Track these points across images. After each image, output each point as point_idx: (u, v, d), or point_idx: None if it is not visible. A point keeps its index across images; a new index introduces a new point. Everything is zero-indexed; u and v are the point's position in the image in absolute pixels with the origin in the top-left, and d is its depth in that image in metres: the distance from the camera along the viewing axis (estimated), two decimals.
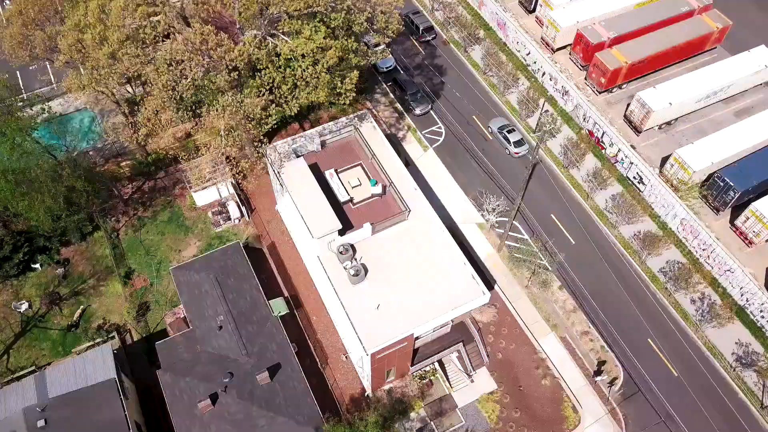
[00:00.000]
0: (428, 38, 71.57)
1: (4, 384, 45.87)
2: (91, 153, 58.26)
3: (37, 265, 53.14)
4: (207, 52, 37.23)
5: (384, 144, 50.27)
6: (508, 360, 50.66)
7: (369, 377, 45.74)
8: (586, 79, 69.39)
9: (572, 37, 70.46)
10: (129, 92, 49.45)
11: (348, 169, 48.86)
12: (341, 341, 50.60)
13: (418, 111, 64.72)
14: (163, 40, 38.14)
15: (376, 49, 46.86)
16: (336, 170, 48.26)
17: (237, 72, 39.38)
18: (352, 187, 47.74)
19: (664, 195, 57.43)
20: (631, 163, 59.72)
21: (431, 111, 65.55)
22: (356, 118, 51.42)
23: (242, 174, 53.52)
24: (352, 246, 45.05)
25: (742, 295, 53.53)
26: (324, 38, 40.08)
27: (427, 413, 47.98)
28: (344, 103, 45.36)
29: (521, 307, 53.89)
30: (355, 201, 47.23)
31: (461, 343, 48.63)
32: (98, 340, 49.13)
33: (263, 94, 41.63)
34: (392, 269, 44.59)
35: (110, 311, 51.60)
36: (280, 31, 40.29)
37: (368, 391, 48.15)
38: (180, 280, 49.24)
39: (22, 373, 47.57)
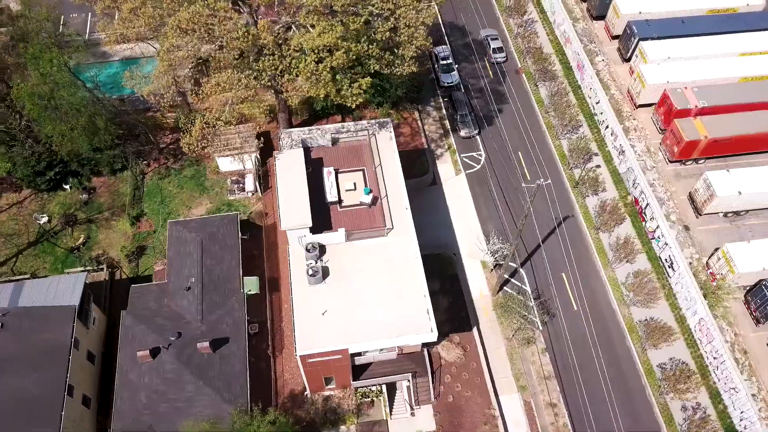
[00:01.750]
0: None
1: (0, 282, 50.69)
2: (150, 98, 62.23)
3: (68, 186, 57.86)
4: (211, 26, 38.55)
5: (394, 156, 49.57)
6: (458, 406, 48.55)
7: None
8: (661, 144, 64.35)
9: (658, 96, 65.46)
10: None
11: (349, 171, 48.76)
12: None
13: (463, 133, 63.08)
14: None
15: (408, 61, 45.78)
16: (336, 170, 48.32)
17: (240, 52, 40.39)
18: (345, 190, 47.60)
19: (689, 288, 52.14)
20: (666, 244, 54.70)
21: (477, 136, 63.58)
22: (376, 125, 51.09)
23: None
24: (321, 246, 45.03)
25: (741, 420, 47.75)
26: (339, 38, 39.95)
27: (357, 431, 47.23)
28: (352, 107, 45.13)
29: (494, 358, 51.35)
30: (343, 204, 47.09)
31: (411, 374, 47.28)
32: (89, 268, 52.76)
33: (263, 80, 42.38)
34: (353, 281, 44.10)
35: (111, 245, 55.20)
36: (302, 23, 40.79)
37: (307, 391, 48.12)
38: (172, 234, 51.60)
39: (18, 277, 52.16)
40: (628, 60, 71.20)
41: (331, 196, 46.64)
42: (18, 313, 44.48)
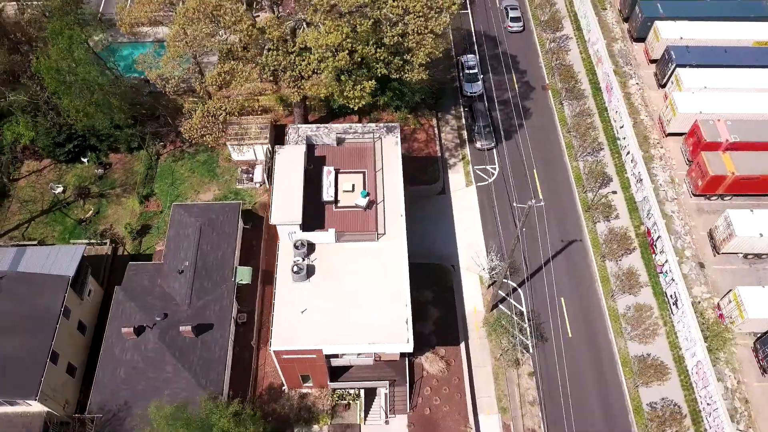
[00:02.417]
0: None
1: (7, 246, 52.64)
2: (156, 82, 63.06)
3: (85, 160, 59.58)
4: (217, 17, 39.00)
5: (396, 162, 49.24)
6: (434, 419, 47.91)
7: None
8: (686, 175, 62.11)
9: (689, 126, 63.17)
10: None
11: (349, 172, 48.59)
12: None
13: (479, 145, 62.18)
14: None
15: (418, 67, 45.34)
16: (337, 170, 48.28)
17: (244, 44, 40.76)
18: (343, 191, 47.49)
19: (691, 328, 50.11)
20: (673, 280, 52.73)
21: (494, 149, 62.54)
22: (384, 128, 50.84)
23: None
24: (310, 244, 45.08)
25: None
26: (344, 39, 39.83)
27: None
28: (354, 108, 44.97)
29: (479, 375, 50.48)
30: (338, 204, 47.02)
31: (389, 383, 46.94)
32: (92, 241, 54.22)
33: (266, 74, 42.62)
34: (338, 282, 44.01)
35: (118, 221, 56.58)
36: (310, 21, 40.88)
37: (285, 386, 48.30)
38: (174, 217, 52.51)
39: (26, 242, 53.99)
40: (664, 86, 68.97)
41: (327, 195, 46.62)
42: (15, 277, 46.00)
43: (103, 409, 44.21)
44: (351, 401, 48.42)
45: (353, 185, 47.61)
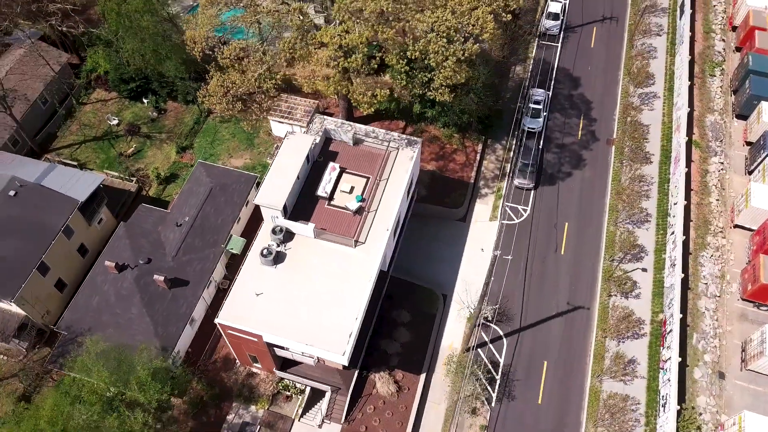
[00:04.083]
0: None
1: (53, 160, 57.57)
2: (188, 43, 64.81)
3: (146, 101, 63.56)
4: None
5: (404, 177, 48.04)
6: None
7: None
8: (740, 275, 55.95)
9: (759, 223, 56.75)
10: None
11: (354, 174, 48.16)
12: None
13: (516, 182, 59.31)
14: None
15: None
16: (343, 168, 48.06)
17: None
18: (340, 191, 47.17)
19: None
20: (669, 380, 47.77)
21: (532, 191, 59.39)
22: (404, 140, 49.84)
23: None
24: (288, 232, 45.32)
25: None
26: (362, 42, 39.37)
27: (263, 417, 47.47)
28: (363, 113, 44.31)
29: (429, 411, 48.72)
30: (331, 202, 46.82)
31: (332, 389, 46.48)
32: (122, 176, 57.92)
33: (280, 59, 42.97)
34: (302, 276, 43.95)
35: (153, 164, 59.91)
36: (335, 18, 40.84)
37: (237, 361, 49.20)
38: (195, 173, 54.86)
39: (68, 161, 58.69)
40: (751, 173, 62.12)
41: (323, 190, 46.50)
42: (33, 189, 50.16)
43: (70, 329, 47.33)
44: (294, 394, 48.47)
45: (352, 187, 47.15)
